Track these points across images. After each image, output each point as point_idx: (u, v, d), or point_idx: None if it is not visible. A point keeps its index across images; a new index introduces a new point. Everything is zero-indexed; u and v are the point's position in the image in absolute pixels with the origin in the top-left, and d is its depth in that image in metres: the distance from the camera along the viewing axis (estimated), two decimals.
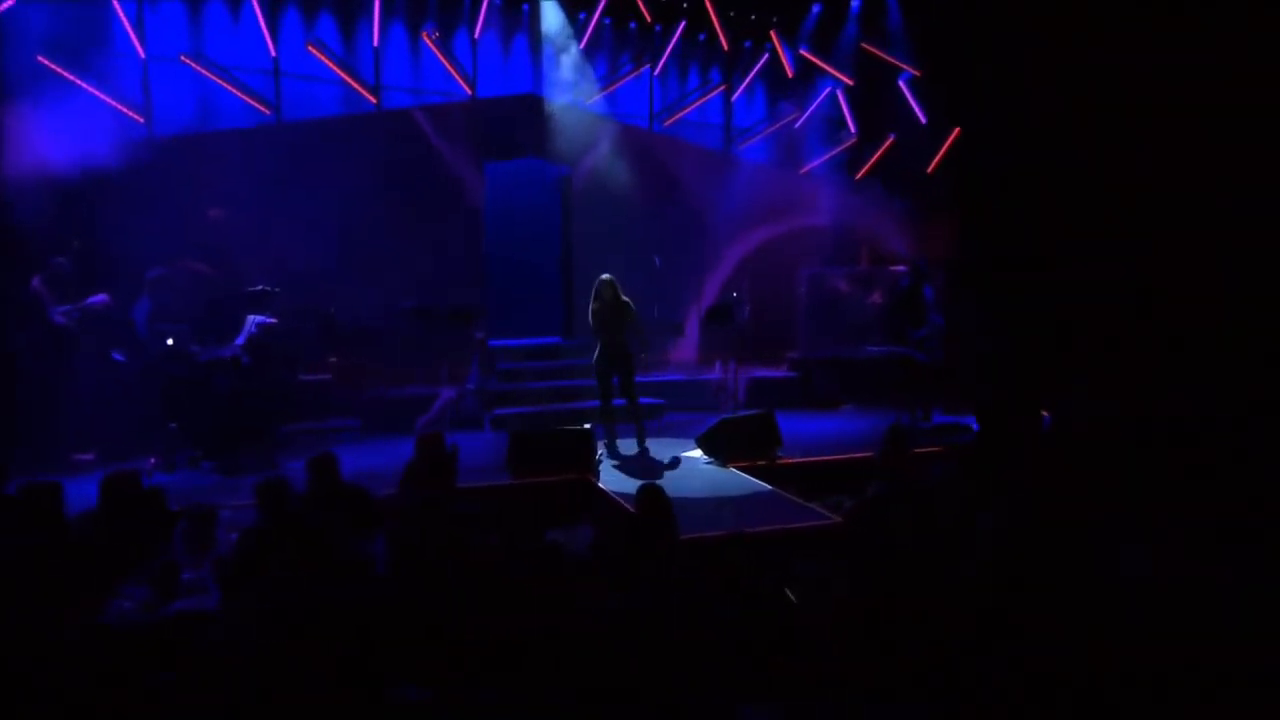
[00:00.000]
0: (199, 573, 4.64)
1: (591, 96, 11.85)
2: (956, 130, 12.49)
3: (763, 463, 7.51)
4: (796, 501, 6.44)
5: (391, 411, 9.52)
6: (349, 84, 10.70)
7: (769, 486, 6.97)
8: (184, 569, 4.67)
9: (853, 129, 12.84)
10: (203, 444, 7.78)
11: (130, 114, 9.31)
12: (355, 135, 10.46)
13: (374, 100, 10.85)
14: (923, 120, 12.56)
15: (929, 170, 12.53)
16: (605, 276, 8.10)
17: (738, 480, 7.26)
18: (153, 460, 7.59)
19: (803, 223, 12.34)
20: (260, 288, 8.78)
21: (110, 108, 9.07)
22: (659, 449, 8.43)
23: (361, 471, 7.00)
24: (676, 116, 12.59)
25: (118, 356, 7.71)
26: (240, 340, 8.10)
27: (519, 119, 11.25)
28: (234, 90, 10.11)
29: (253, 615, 3.76)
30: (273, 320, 8.38)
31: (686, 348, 11.70)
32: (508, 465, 7.36)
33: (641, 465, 7.87)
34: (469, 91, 11.29)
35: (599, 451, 7.98)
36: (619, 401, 8.33)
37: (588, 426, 7.60)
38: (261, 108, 10.29)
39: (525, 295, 12.22)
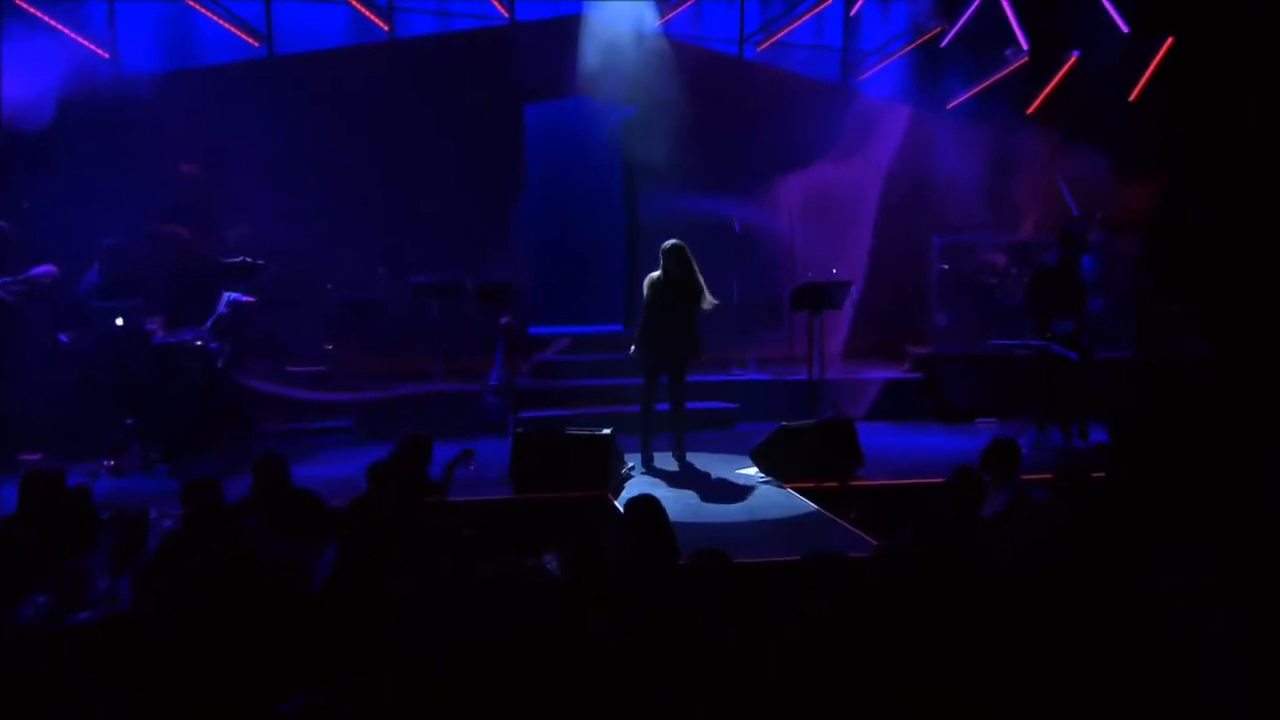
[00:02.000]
0: (117, 582, 5.32)
1: (661, 17, 12.22)
2: (1169, 41, 12.34)
3: (833, 485, 7.82)
4: (845, 528, 6.73)
5: (396, 412, 10.18)
6: (356, 8, 11.38)
7: (814, 507, 7.29)
8: (102, 577, 5.36)
9: (1024, 45, 12.81)
10: (161, 445, 8.57)
11: (91, 47, 10.15)
12: (363, 71, 11.19)
13: (386, 27, 11.51)
14: (1123, 28, 12.45)
15: (1131, 98, 12.43)
16: (672, 242, 8.41)
17: (787, 502, 7.60)
18: (110, 462, 8.43)
19: (944, 175, 12.44)
20: (240, 259, 9.60)
21: (67, 40, 9.89)
22: (711, 464, 8.82)
23: (352, 481, 7.57)
24: (775, 39, 12.85)
25: (64, 338, 8.60)
26: (208, 322, 8.91)
27: (567, 48, 11.70)
28: (216, 19, 10.93)
29: (149, 624, 4.40)
30: (249, 299, 9.18)
31: (776, 339, 12.02)
32: (510, 476, 7.88)
33: (677, 482, 8.27)
34: (504, 13, 11.82)
35: (627, 465, 8.43)
36: (661, 406, 8.73)
37: (607, 432, 8.03)
38: (250, 39, 11.11)
39: (576, 272, 12.80)
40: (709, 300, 8.46)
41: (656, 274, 8.39)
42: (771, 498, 7.83)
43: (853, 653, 3.88)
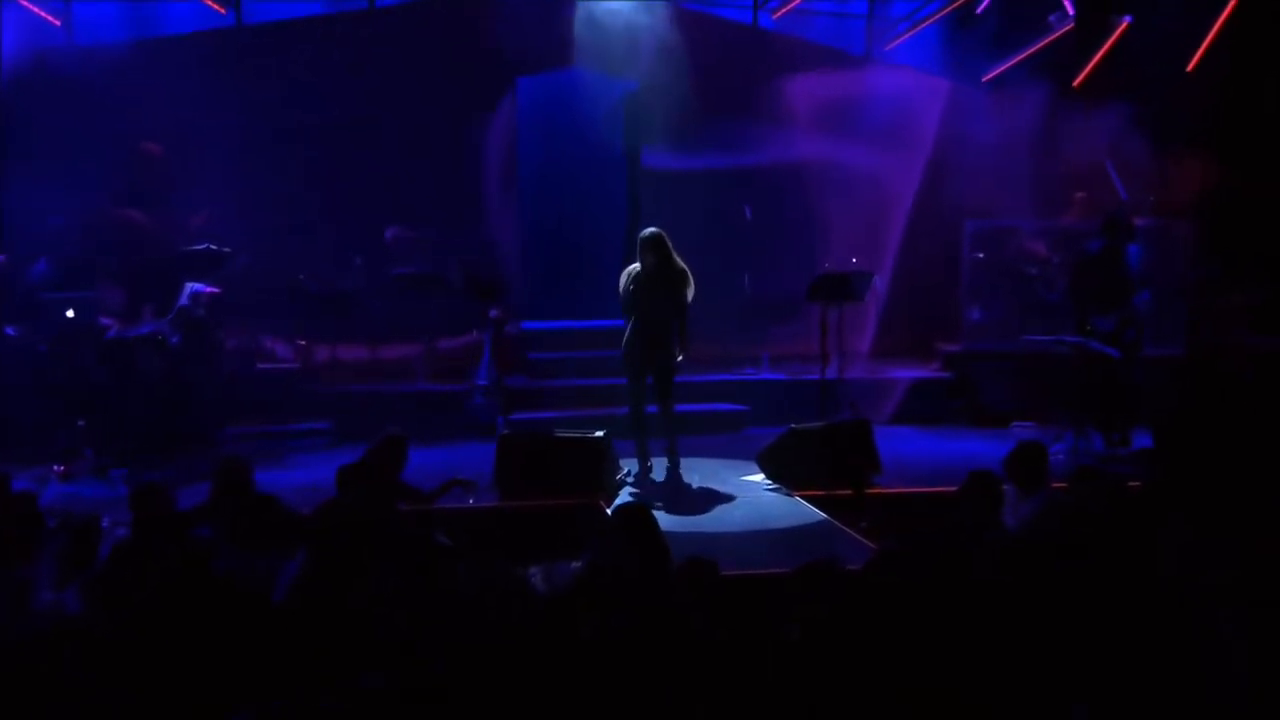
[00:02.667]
0: (62, 594, 5.40)
1: None
2: (1233, 3, 12.28)
3: (847, 493, 7.87)
4: (853, 538, 6.83)
5: (375, 412, 10.06)
6: None
7: (822, 516, 7.37)
8: (46, 588, 5.44)
9: (1069, 10, 12.81)
10: (116, 448, 8.67)
11: (41, 14, 10.29)
12: (340, 42, 11.28)
13: None
14: None
15: (1188, 69, 12.44)
16: (651, 231, 8.46)
17: (794, 511, 7.70)
18: (60, 466, 8.54)
19: (979, 153, 12.41)
20: (204, 246, 9.72)
21: (14, 6, 10.03)
22: (714, 471, 8.90)
23: (324, 487, 7.70)
24: (792, 5, 12.88)
25: (10, 331, 8.71)
26: (168, 315, 9.02)
27: (563, 15, 11.77)
28: None
29: (94, 637, 4.49)
30: (214, 290, 9.28)
31: (792, 335, 12.05)
32: (495, 481, 7.97)
33: (674, 490, 8.35)
34: None
35: (622, 470, 8.50)
36: (652, 408, 8.76)
37: (600, 434, 8.10)
38: (216, 7, 11.21)
39: (573, 261, 12.90)
40: (690, 290, 8.46)
41: (634, 266, 8.45)
42: (777, 506, 7.91)
43: (843, 658, 3.96)
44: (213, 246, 9.58)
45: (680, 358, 8.53)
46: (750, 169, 12.09)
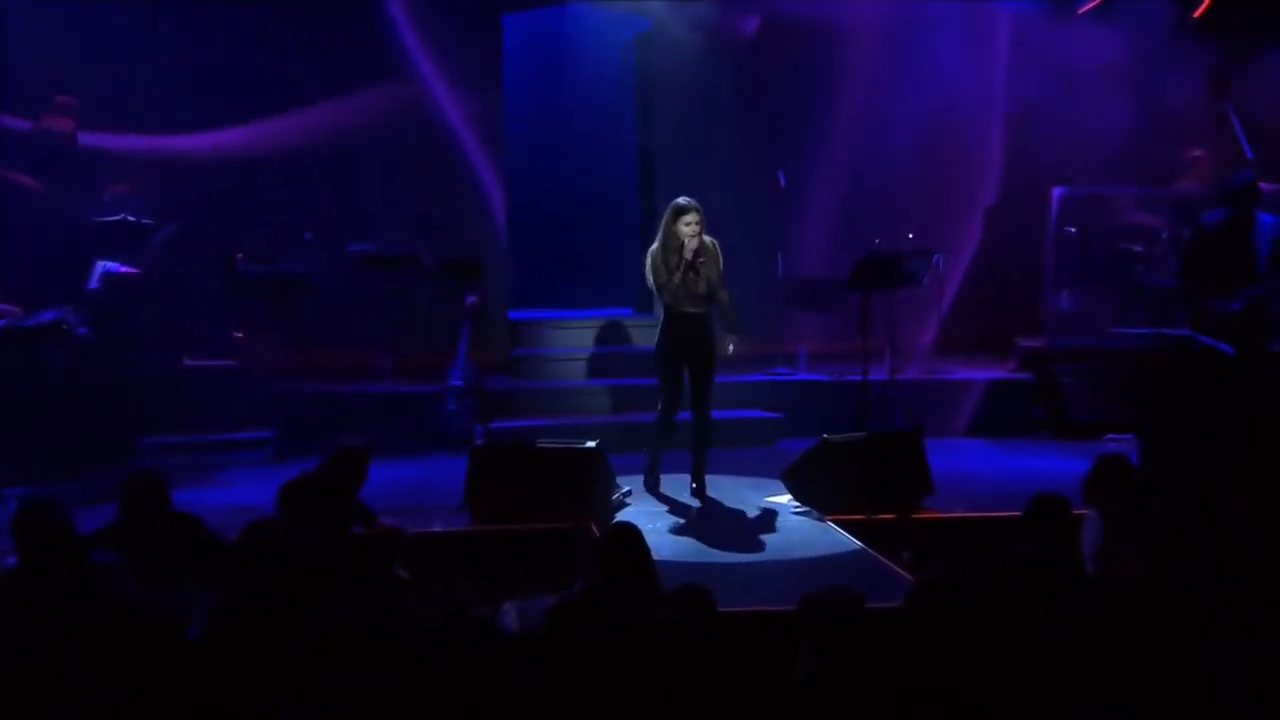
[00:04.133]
0: None
1: None
2: None
3: (889, 517, 7.96)
4: (892, 570, 6.89)
5: (328, 420, 10.15)
6: None
7: (857, 544, 7.44)
8: None
9: None
10: (10, 460, 8.72)
11: None
12: None
13: None
14: None
15: None
16: (683, 201, 8.57)
17: (823, 538, 7.76)
18: None
19: (1070, 102, 12.50)
20: (120, 217, 9.84)
21: None
22: (735, 490, 9.02)
23: (263, 509, 7.81)
24: None
25: None
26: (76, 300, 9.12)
27: None
28: None
29: None
30: (131, 270, 9.40)
31: (835, 328, 12.04)
32: (466, 500, 8.11)
33: (683, 512, 8.47)
34: None
35: (620, 489, 8.63)
36: (683, 414, 8.88)
37: (592, 445, 8.20)
38: None
39: (571, 239, 13.14)
40: (721, 274, 8.61)
41: (660, 247, 8.57)
42: (803, 532, 7.99)
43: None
44: (130, 218, 9.69)
45: (731, 348, 8.80)
46: (786, 127, 12.18)
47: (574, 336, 12.04)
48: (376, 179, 11.63)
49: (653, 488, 8.85)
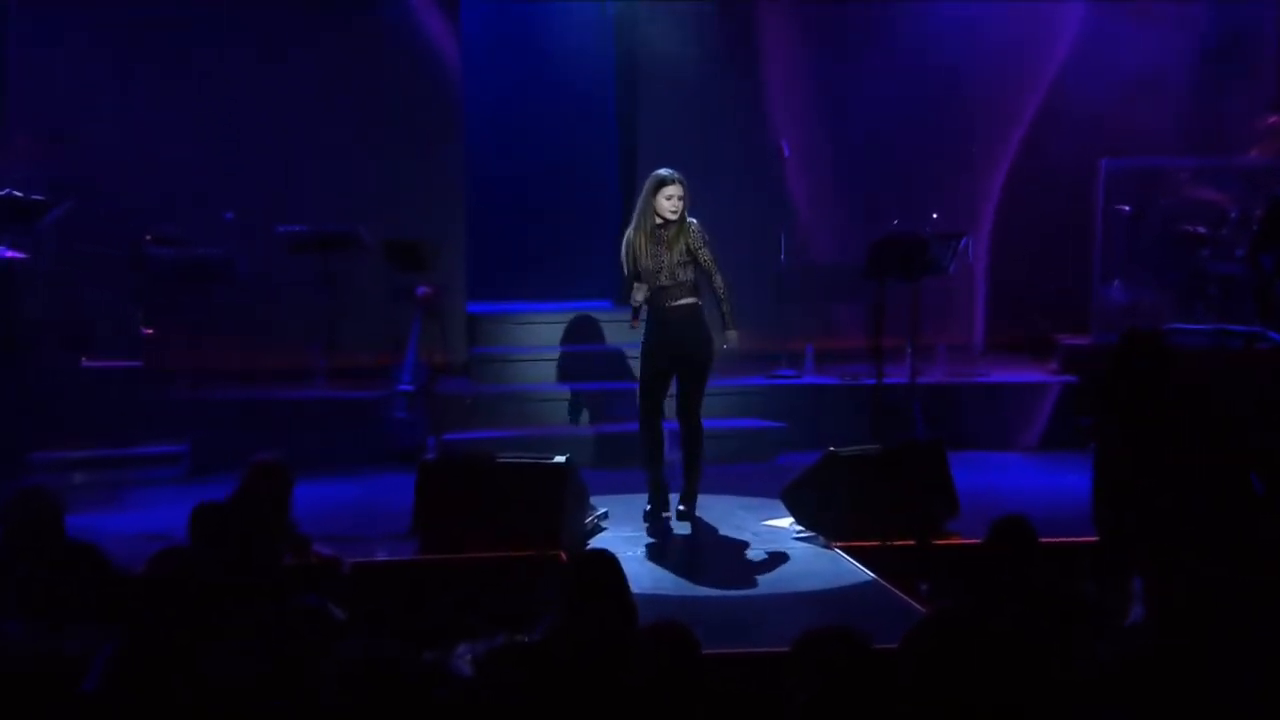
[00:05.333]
0: None
1: None
2: None
3: (907, 543, 7.96)
4: (908, 604, 6.89)
5: (252, 428, 10.14)
6: None
7: (869, 575, 7.47)
8: None
9: None
10: None
11: None
12: None
13: None
14: None
15: None
16: (664, 171, 8.57)
17: (829, 568, 7.79)
18: None
19: (1123, 63, 12.56)
20: (4, 192, 9.79)
21: None
22: (729, 512, 9.07)
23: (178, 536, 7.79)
24: None
25: None
26: None
27: None
28: None
29: None
30: (17, 255, 9.39)
31: (846, 323, 12.27)
32: (414, 524, 8.11)
33: (669, 538, 8.50)
34: None
35: (595, 511, 8.66)
36: (669, 424, 8.92)
37: (561, 460, 8.17)
38: None
39: (539, 221, 13.18)
40: (712, 258, 8.60)
41: (636, 231, 8.60)
42: (806, 561, 8.00)
43: None
44: (16, 192, 9.66)
45: (726, 345, 8.79)
46: (790, 92, 12.28)
47: (543, 333, 12.06)
48: (310, 149, 11.65)
49: (656, 522, 8.78)
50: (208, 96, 11.48)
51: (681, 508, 8.81)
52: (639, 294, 8.57)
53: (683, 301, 8.54)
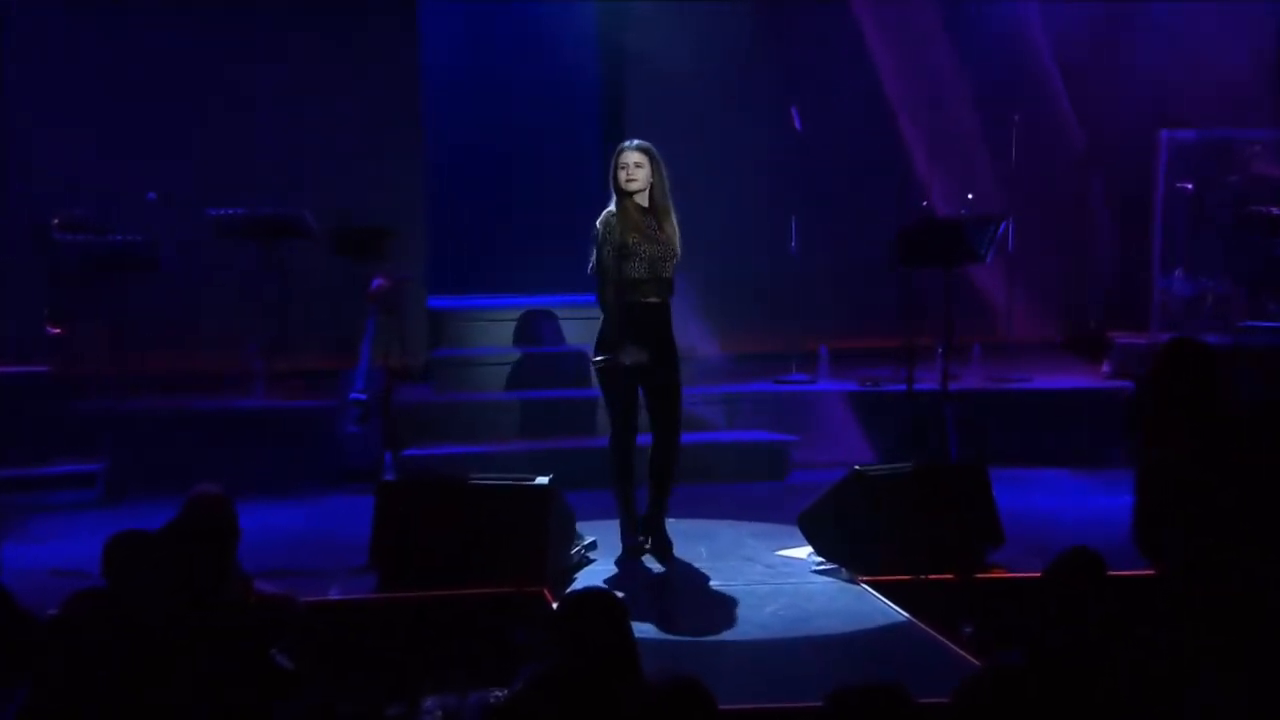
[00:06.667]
0: None
1: None
2: None
3: (948, 578, 7.93)
4: (952, 651, 6.83)
5: (179, 445, 10.29)
6: None
7: (903, 616, 7.39)
8: None
9: None
10: None
11: None
12: None
13: None
14: None
15: None
16: (634, 144, 8.58)
17: (857, 606, 7.72)
18: None
19: (1184, 19, 12.66)
20: None
21: None
22: (737, 540, 9.04)
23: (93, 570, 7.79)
24: None
25: None
26: None
27: None
28: None
29: None
30: None
31: (867, 319, 12.31)
32: (372, 556, 8.05)
33: (665, 570, 8.46)
34: None
35: (582, 540, 8.61)
36: (643, 438, 8.79)
37: (544, 482, 8.10)
38: None
39: (511, 204, 13.30)
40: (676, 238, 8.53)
41: (610, 210, 8.53)
42: (829, 598, 7.91)
43: None
44: None
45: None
46: (804, 56, 12.39)
47: (516, 332, 12.09)
48: (247, 122, 11.68)
49: (635, 550, 8.68)
50: (126, 60, 11.48)
51: (643, 537, 8.66)
52: (628, 357, 8.42)
53: (650, 299, 8.49)
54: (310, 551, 8.81)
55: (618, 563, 8.63)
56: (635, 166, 8.40)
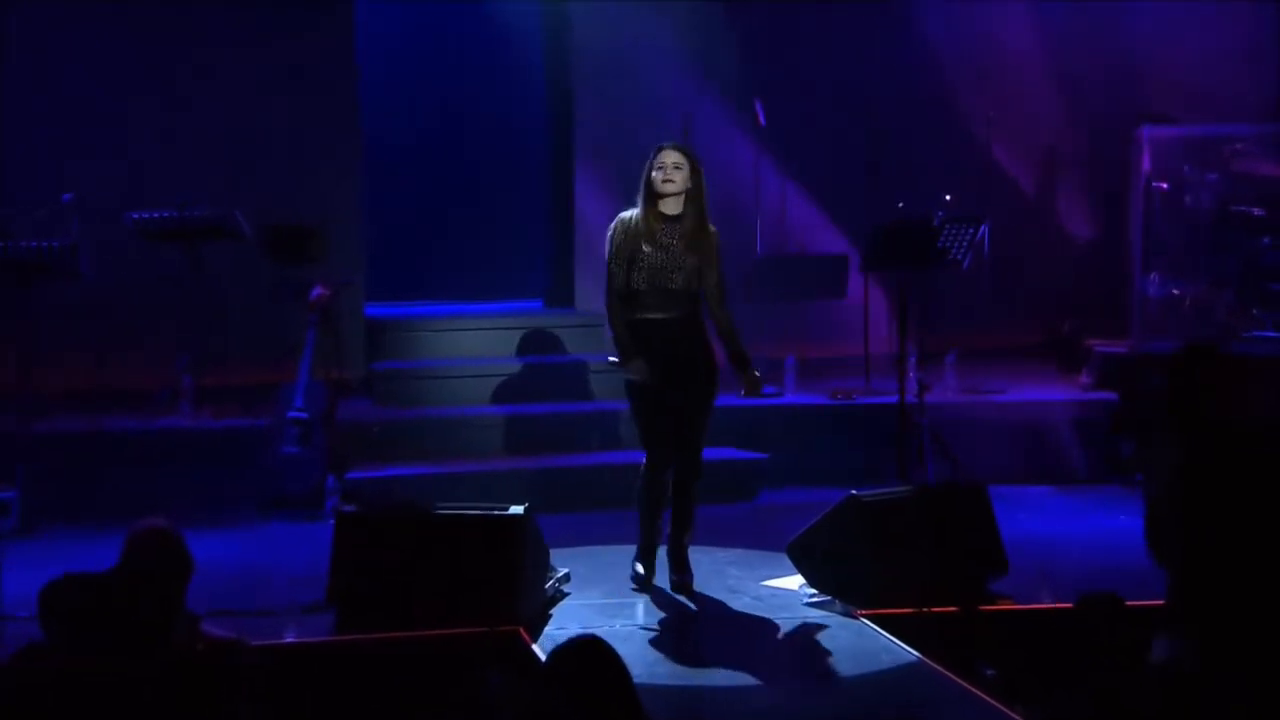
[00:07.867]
0: None
1: None
2: None
3: (950, 610, 7.80)
4: (972, 696, 6.66)
5: (100, 470, 10.12)
6: None
7: (913, 655, 7.23)
8: None
9: None
10: None
11: None
12: None
13: None
14: None
15: None
16: (669, 146, 8.47)
17: (859, 644, 7.55)
18: None
19: (1162, 9, 12.69)
20: None
21: None
22: (713, 571, 8.82)
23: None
24: None
25: None
26: None
27: None
28: None
29: None
30: None
31: (836, 327, 12.24)
32: (329, 594, 7.81)
33: (653, 605, 8.28)
34: None
35: (556, 572, 8.41)
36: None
37: (518, 511, 7.91)
38: None
39: (453, 205, 13.22)
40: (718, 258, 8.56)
41: (632, 213, 8.38)
42: (829, 636, 7.75)
43: None
44: None
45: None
46: (769, 46, 12.36)
47: (463, 342, 11.97)
48: (170, 116, 11.53)
49: (645, 582, 8.58)
50: (40, 50, 11.32)
51: (675, 576, 8.55)
52: (631, 373, 8.37)
53: (666, 315, 8.45)
54: (252, 588, 8.58)
55: (639, 585, 8.57)
56: (674, 167, 8.28)
